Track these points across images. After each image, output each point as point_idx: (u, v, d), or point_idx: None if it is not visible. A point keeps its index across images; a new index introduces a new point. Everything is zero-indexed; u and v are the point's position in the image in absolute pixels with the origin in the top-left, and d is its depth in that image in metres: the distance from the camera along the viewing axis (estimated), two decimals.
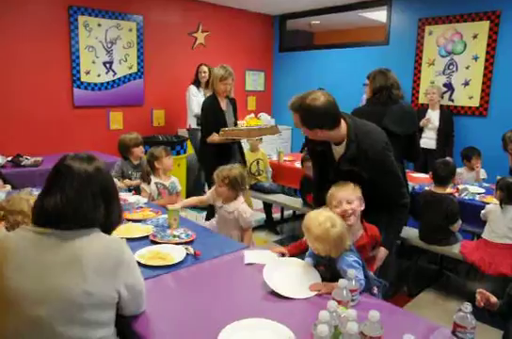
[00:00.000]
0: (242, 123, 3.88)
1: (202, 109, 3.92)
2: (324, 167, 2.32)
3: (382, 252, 2.17)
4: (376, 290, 1.92)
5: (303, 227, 1.82)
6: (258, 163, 4.65)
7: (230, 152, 3.85)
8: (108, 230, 1.44)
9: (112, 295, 1.32)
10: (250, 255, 2.08)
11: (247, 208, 2.79)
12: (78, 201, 1.32)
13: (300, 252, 2.09)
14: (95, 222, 1.37)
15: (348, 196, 2.02)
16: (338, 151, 2.16)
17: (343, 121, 2.08)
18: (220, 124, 3.74)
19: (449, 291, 3.30)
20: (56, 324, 1.24)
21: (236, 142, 3.93)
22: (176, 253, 2.06)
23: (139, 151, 3.76)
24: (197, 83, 5.39)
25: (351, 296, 1.58)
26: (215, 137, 3.70)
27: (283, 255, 2.10)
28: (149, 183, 3.43)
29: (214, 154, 3.77)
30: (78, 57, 5.06)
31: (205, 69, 5.35)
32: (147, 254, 2.05)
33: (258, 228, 4.77)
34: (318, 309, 1.34)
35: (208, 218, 3.78)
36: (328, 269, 1.85)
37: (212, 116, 3.79)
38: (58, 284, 1.24)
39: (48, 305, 1.24)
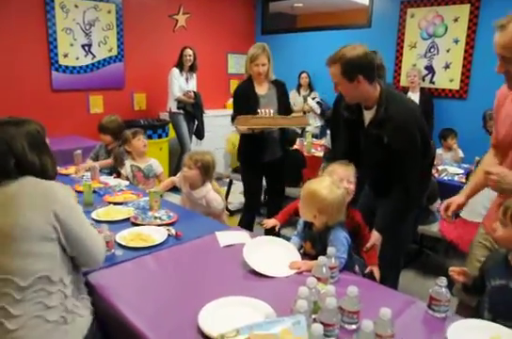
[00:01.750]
0: (271, 112, 3.09)
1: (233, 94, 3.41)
2: (352, 138, 2.26)
3: (374, 236, 2.09)
4: (357, 268, 1.96)
5: (305, 195, 1.83)
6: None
7: (262, 143, 3.19)
8: (45, 178, 1.56)
9: (47, 229, 1.44)
10: (223, 237, 2.09)
11: (215, 196, 2.77)
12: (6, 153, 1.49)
13: (290, 217, 2.18)
14: (29, 172, 1.52)
15: (350, 176, 2.05)
16: (367, 116, 2.14)
17: (376, 83, 2.06)
18: (252, 111, 3.09)
19: (428, 269, 3.39)
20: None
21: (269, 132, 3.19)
22: (157, 235, 2.07)
23: (104, 138, 3.60)
24: (180, 66, 5.28)
25: (330, 273, 1.61)
26: (240, 127, 3.12)
27: (274, 230, 2.17)
28: (121, 165, 3.39)
29: (245, 144, 3.33)
30: (55, 40, 4.95)
31: (190, 52, 5.24)
32: (128, 236, 2.05)
33: (242, 210, 4.78)
34: (298, 286, 1.36)
35: None
36: (316, 245, 1.87)
37: (242, 101, 3.19)
38: None
39: None
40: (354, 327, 1.37)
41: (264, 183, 3.49)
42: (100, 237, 1.66)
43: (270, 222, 2.19)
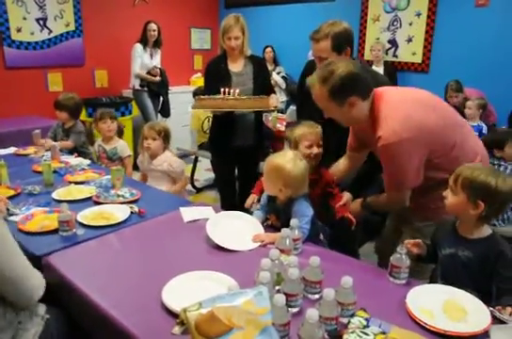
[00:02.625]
0: (236, 92, 2.71)
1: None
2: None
3: (346, 196, 2.10)
4: (322, 236, 1.99)
5: (269, 168, 1.83)
6: (209, 120, 4.57)
7: (232, 125, 2.89)
8: None
9: None
10: (187, 213, 2.08)
11: (176, 159, 2.84)
12: None
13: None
14: None
15: (319, 140, 2.07)
16: None
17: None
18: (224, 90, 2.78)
19: None
20: None
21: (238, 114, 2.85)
22: (120, 213, 2.04)
23: (60, 115, 3.48)
24: (144, 41, 5.07)
25: (294, 245, 1.63)
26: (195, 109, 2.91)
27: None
28: (92, 144, 3.31)
29: (214, 127, 3.06)
30: (6, 12, 4.68)
31: (154, 27, 5.02)
32: (90, 215, 2.01)
33: (208, 187, 4.78)
34: (262, 258, 1.36)
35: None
36: (280, 217, 1.89)
37: (213, 79, 2.89)
38: None
39: None
40: (317, 296, 1.39)
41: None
42: (34, 272, 1.43)
43: (249, 200, 2.20)
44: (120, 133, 3.35)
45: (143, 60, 5.07)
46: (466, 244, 1.50)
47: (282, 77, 5.84)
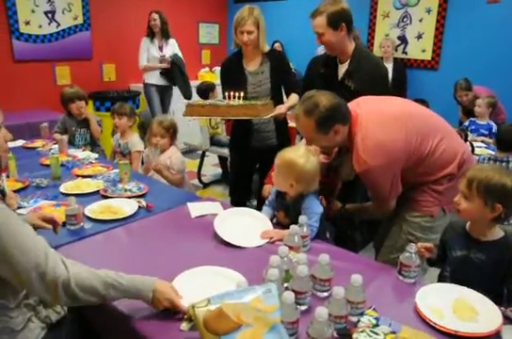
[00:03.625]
0: (240, 95, 2.54)
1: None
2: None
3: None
4: (328, 235, 1.98)
5: (281, 164, 1.81)
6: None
7: (251, 126, 2.75)
8: None
9: None
10: (195, 208, 2.07)
11: (178, 155, 2.84)
12: None
13: None
14: None
15: None
16: (342, 70, 2.39)
17: (352, 39, 2.35)
18: (240, 91, 2.59)
19: None
20: None
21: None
22: (128, 207, 2.03)
23: (75, 107, 3.44)
24: (151, 34, 4.98)
25: (302, 241, 1.62)
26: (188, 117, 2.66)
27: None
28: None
29: (234, 127, 2.93)
30: (14, 5, 4.67)
31: (155, 16, 4.87)
32: (97, 209, 2.01)
33: (215, 182, 4.78)
34: (270, 255, 1.35)
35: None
36: (289, 214, 1.87)
37: (227, 79, 2.74)
38: None
39: None
40: (326, 294, 1.38)
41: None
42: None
43: (265, 190, 2.19)
44: (139, 127, 3.36)
45: (151, 53, 4.96)
46: (478, 246, 1.48)
47: None
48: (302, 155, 1.77)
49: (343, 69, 2.38)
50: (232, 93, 2.52)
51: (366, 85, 2.24)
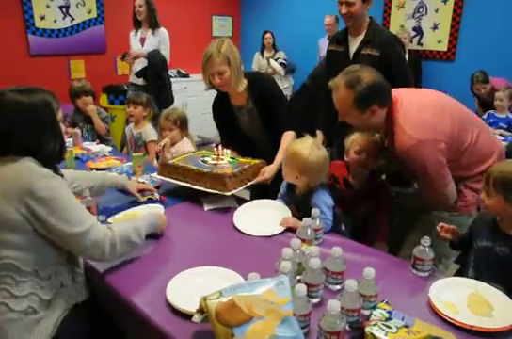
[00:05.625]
0: (227, 153, 2.23)
1: None
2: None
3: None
4: (343, 227, 1.97)
5: (288, 156, 1.82)
6: None
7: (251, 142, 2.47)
8: (44, 161, 1.40)
9: (17, 219, 1.30)
10: (208, 201, 2.06)
11: (190, 147, 2.81)
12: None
13: None
14: (18, 151, 1.37)
15: (371, 149, 2.01)
16: (354, 45, 2.48)
17: (368, 18, 2.45)
18: (234, 132, 2.41)
19: None
20: None
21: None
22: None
23: (81, 102, 3.40)
24: (137, 25, 4.28)
25: (315, 234, 1.61)
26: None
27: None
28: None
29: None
30: (30, 0, 4.72)
31: (141, 1, 4.09)
32: (122, 217, 1.90)
33: None
34: (283, 248, 1.35)
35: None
36: (301, 208, 1.87)
37: (218, 116, 2.47)
38: None
39: None
40: (338, 287, 1.38)
41: None
42: (97, 227, 1.41)
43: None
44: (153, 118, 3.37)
45: (132, 48, 4.32)
46: (505, 240, 1.45)
47: (281, 64, 5.71)
48: (307, 147, 1.78)
49: (357, 41, 2.46)
50: (221, 150, 2.21)
51: (387, 48, 2.36)
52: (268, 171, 2.09)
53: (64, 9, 5.02)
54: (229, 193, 1.95)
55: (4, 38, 4.63)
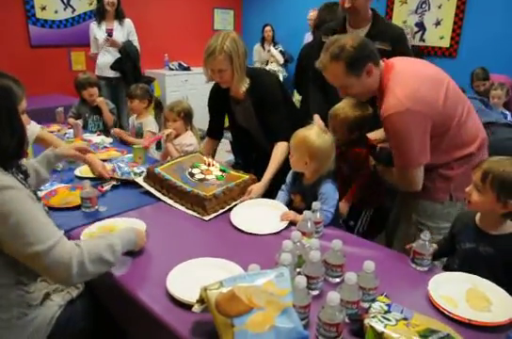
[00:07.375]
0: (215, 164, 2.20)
1: None
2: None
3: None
4: (341, 220, 1.98)
5: (295, 142, 1.82)
6: None
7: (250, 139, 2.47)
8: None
9: None
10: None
11: (193, 139, 2.83)
12: None
13: None
14: None
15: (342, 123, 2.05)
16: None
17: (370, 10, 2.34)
18: (229, 124, 2.47)
19: None
20: None
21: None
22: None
23: (87, 93, 3.42)
24: (98, 16, 4.16)
25: (315, 227, 1.61)
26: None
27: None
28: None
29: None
30: None
31: None
32: (96, 231, 1.68)
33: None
34: (283, 240, 1.35)
35: None
36: (306, 198, 1.87)
37: (213, 107, 2.47)
38: None
39: None
40: (338, 280, 1.38)
41: None
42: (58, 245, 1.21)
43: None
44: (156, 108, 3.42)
45: (98, 40, 4.26)
46: (487, 240, 1.44)
47: (280, 51, 5.81)
48: (314, 133, 1.80)
49: (360, 33, 2.30)
50: (211, 161, 2.20)
51: (399, 42, 2.29)
52: (255, 191, 1.97)
53: (65, 0, 4.99)
54: (207, 218, 1.82)
55: (5, 28, 4.61)
